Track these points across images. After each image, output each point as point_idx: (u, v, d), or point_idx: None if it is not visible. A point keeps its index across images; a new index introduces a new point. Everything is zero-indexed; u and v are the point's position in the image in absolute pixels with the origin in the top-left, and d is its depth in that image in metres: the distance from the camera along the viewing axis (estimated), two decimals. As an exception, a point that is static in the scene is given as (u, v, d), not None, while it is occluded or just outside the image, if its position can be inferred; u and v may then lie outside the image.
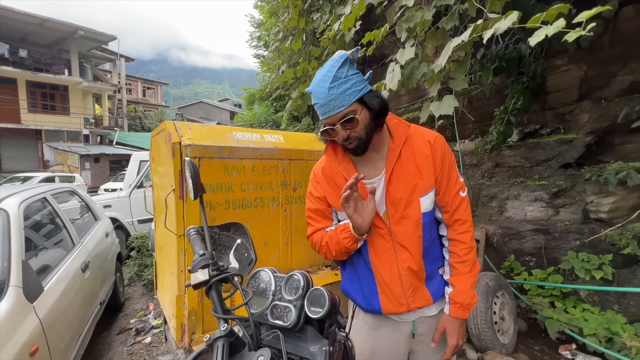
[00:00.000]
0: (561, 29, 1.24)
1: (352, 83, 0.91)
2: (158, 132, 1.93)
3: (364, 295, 1.09)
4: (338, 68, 0.90)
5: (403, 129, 1.04)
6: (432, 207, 1.03)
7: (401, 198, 1.00)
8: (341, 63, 0.90)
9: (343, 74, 0.90)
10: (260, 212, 1.78)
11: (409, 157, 1.02)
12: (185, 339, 1.51)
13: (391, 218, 1.02)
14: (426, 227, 1.03)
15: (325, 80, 0.90)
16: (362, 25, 3.00)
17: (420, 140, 1.03)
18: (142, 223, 5.39)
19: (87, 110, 19.05)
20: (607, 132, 2.84)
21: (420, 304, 1.05)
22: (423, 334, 1.10)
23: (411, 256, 1.02)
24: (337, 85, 0.89)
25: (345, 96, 0.90)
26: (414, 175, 1.01)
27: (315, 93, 0.93)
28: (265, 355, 0.62)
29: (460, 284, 1.03)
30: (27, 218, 2.08)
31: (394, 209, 1.01)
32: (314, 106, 0.97)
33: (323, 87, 0.90)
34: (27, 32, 16.37)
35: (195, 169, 0.83)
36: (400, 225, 1.01)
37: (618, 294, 2.45)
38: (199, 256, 0.80)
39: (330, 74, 0.90)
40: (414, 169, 1.01)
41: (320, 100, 0.92)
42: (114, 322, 3.30)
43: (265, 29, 11.43)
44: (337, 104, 0.90)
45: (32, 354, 1.48)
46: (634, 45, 2.72)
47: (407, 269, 1.02)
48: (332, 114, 0.91)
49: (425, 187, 1.01)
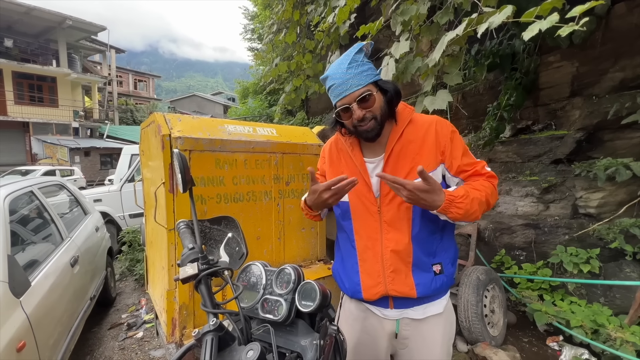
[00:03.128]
0: (555, 24, 1.24)
1: (368, 67, 0.98)
2: (147, 124, 1.89)
3: (347, 275, 1.10)
4: (355, 53, 0.97)
5: (408, 113, 1.06)
6: None
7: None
8: (357, 50, 0.98)
9: (360, 59, 0.97)
10: (252, 206, 1.76)
11: (410, 138, 1.02)
12: (177, 333, 1.50)
13: (383, 198, 1.02)
14: (417, 209, 1.00)
15: (343, 63, 0.96)
16: (357, 19, 2.98)
17: (424, 124, 1.03)
18: (133, 217, 5.32)
19: (77, 103, 18.63)
20: (598, 128, 2.88)
21: (399, 289, 1.01)
22: (407, 338, 1.07)
23: (397, 237, 1.01)
24: (354, 66, 0.95)
25: (363, 76, 0.95)
26: (412, 158, 1.00)
27: (332, 75, 0.98)
28: (255, 350, 0.62)
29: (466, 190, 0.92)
30: (13, 212, 2.03)
31: (387, 188, 1.00)
32: (328, 90, 1.01)
33: (341, 69, 0.96)
34: (12, 21, 15.85)
35: (184, 161, 0.81)
36: (390, 206, 1.01)
37: (604, 287, 2.51)
38: (188, 250, 0.79)
39: (348, 57, 0.97)
40: (414, 151, 1.01)
41: (337, 80, 0.96)
42: (105, 317, 3.26)
43: (259, 22, 11.27)
44: (354, 83, 0.94)
45: (19, 350, 1.45)
46: (626, 42, 2.75)
47: (390, 250, 1.01)
48: (349, 93, 0.94)
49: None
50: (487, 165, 1.04)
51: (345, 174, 1.00)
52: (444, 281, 1.04)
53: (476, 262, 2.97)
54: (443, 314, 1.08)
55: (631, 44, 2.71)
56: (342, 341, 0.78)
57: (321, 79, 1.04)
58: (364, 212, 1.05)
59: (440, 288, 1.04)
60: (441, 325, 1.08)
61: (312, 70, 3.78)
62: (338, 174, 1.07)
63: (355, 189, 1.05)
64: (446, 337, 1.10)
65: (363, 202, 1.06)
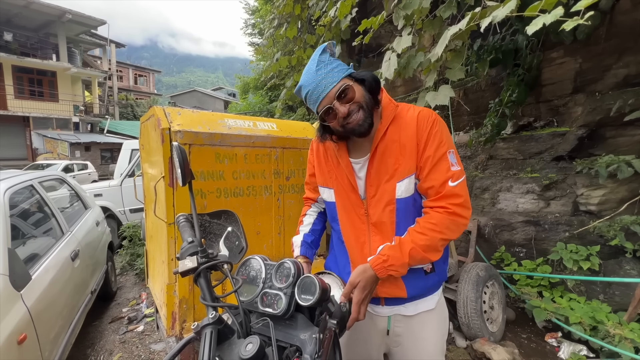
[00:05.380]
0: (559, 18, 1.22)
1: (337, 64, 0.93)
2: (147, 118, 1.88)
3: (340, 274, 1.06)
4: (319, 55, 0.93)
5: (391, 108, 0.98)
6: (410, 194, 0.95)
7: (380, 181, 0.97)
8: (321, 51, 0.94)
9: (326, 59, 0.93)
10: (252, 200, 1.76)
11: (394, 138, 0.95)
12: (176, 327, 1.50)
13: (369, 200, 0.99)
14: (401, 213, 0.96)
15: (311, 68, 0.92)
16: (359, 13, 2.95)
17: (408, 119, 0.96)
18: (134, 212, 5.33)
19: (77, 97, 18.57)
20: (600, 125, 2.86)
21: (389, 291, 0.99)
22: (400, 335, 1.05)
23: (383, 239, 0.97)
24: (322, 66, 0.91)
25: (334, 73, 0.91)
26: (395, 159, 0.95)
27: (304, 84, 0.93)
28: (254, 343, 0.61)
29: (402, 245, 0.89)
30: (14, 206, 2.03)
31: (372, 191, 0.98)
32: (305, 101, 0.96)
33: (310, 73, 0.92)
34: (11, 15, 15.75)
35: (183, 154, 0.81)
36: (375, 209, 0.98)
37: (604, 284, 2.51)
38: (188, 243, 0.78)
39: (314, 61, 0.92)
40: (397, 152, 0.95)
41: (310, 86, 0.91)
42: (106, 311, 3.28)
43: (260, 16, 11.18)
44: (328, 82, 0.90)
45: (20, 343, 1.46)
46: (630, 38, 2.72)
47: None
48: (326, 93, 0.90)
49: (403, 172, 0.94)
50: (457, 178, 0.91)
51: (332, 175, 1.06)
52: (435, 279, 1.03)
53: (476, 259, 2.97)
54: (435, 310, 1.06)
55: (635, 40, 2.68)
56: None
57: (295, 92, 0.99)
58: (352, 214, 1.03)
59: (432, 286, 1.03)
60: (434, 321, 1.06)
61: (313, 65, 3.75)
62: (325, 174, 1.09)
63: (342, 191, 1.04)
64: (439, 333, 1.08)
65: (350, 204, 1.03)
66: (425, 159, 0.92)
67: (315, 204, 1.23)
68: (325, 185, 1.10)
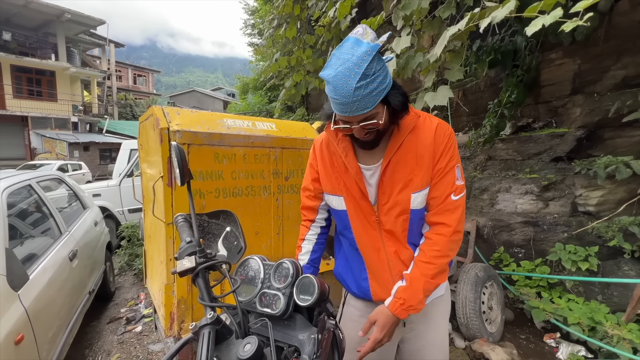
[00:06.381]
0: (558, 19, 1.22)
1: (379, 81, 0.80)
2: (146, 117, 1.87)
3: (355, 280, 1.10)
4: (368, 63, 0.77)
5: (411, 119, 0.95)
6: (423, 205, 0.98)
7: (393, 190, 0.97)
8: (372, 57, 0.78)
9: (372, 71, 0.78)
10: (251, 200, 1.75)
11: (411, 148, 0.95)
12: (175, 327, 1.50)
13: (381, 208, 1.00)
14: (414, 223, 0.99)
15: (351, 77, 0.77)
16: (358, 14, 2.95)
17: (426, 131, 0.95)
18: (132, 212, 5.31)
19: (76, 97, 18.52)
20: (598, 126, 2.87)
21: None
22: (414, 322, 1.10)
23: (397, 244, 1.01)
24: (364, 85, 0.78)
25: (372, 97, 0.80)
26: (411, 169, 0.95)
27: (335, 87, 0.79)
28: (252, 343, 0.61)
29: (414, 283, 0.93)
30: (12, 205, 2.02)
31: (385, 199, 0.99)
32: (329, 96, 0.84)
33: (348, 85, 0.77)
34: (10, 14, 15.70)
35: (182, 153, 0.80)
36: (388, 217, 0.99)
37: (602, 285, 2.51)
38: (186, 243, 0.78)
39: (359, 70, 0.77)
40: (413, 162, 0.95)
41: (341, 98, 0.80)
42: (104, 311, 3.27)
43: (260, 16, 11.18)
44: (362, 106, 0.81)
45: (17, 343, 1.45)
46: (628, 39, 2.73)
47: (394, 253, 1.01)
48: (353, 115, 0.83)
49: (421, 184, 0.95)
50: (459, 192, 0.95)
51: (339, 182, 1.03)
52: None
53: (475, 259, 2.98)
54: (444, 295, 1.14)
55: (634, 42, 2.69)
56: (341, 339, 0.78)
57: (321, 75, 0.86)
58: (364, 221, 1.03)
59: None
60: (442, 304, 1.14)
61: (313, 65, 3.76)
62: (331, 180, 1.05)
63: (352, 198, 1.02)
64: (446, 313, 1.17)
65: (362, 212, 1.03)
66: (437, 171, 0.95)
67: (314, 224, 1.16)
68: (333, 192, 1.06)
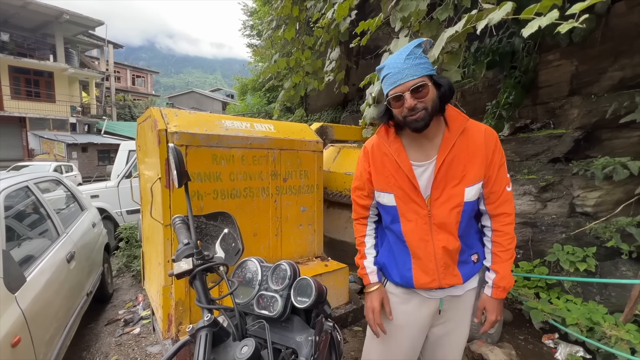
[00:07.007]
0: (554, 21, 1.23)
1: (425, 61, 1.00)
2: (144, 119, 1.87)
3: (398, 270, 1.17)
4: (415, 46, 0.99)
5: (461, 121, 1.08)
6: (475, 198, 1.09)
7: (447, 185, 1.06)
8: (417, 44, 1.00)
9: (418, 52, 1.00)
10: (249, 202, 1.75)
11: (463, 147, 1.06)
12: (172, 329, 1.49)
13: (433, 202, 1.08)
14: (465, 215, 1.08)
15: (402, 54, 0.99)
16: (357, 15, 2.96)
17: (475, 133, 1.08)
18: (130, 214, 5.30)
19: (74, 98, 18.48)
20: (596, 127, 2.88)
21: (450, 282, 1.12)
22: (446, 311, 1.18)
23: (447, 238, 1.08)
24: (412, 57, 0.98)
25: (419, 68, 0.97)
26: (464, 166, 1.06)
27: (388, 64, 1.00)
28: (249, 345, 0.61)
29: (503, 270, 1.11)
30: (9, 207, 2.01)
31: (437, 193, 1.07)
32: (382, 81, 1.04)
33: (399, 59, 0.98)
34: (8, 15, 15.67)
35: (179, 155, 0.80)
36: (441, 210, 1.07)
37: (600, 285, 2.52)
38: (183, 245, 0.78)
39: (407, 49, 0.99)
40: (466, 159, 1.06)
41: (393, 70, 0.99)
42: (102, 313, 3.25)
43: (258, 18, 11.20)
44: (410, 73, 0.96)
45: (14, 345, 1.44)
46: (625, 41, 2.74)
47: (442, 248, 1.09)
48: (404, 82, 0.97)
49: (473, 179, 1.06)
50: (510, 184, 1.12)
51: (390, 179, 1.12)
52: (479, 265, 1.19)
53: (473, 260, 2.97)
54: (475, 287, 1.22)
55: (631, 43, 2.70)
56: (339, 341, 0.78)
57: (377, 69, 1.07)
58: (414, 215, 1.10)
59: (477, 270, 1.19)
60: (473, 295, 1.23)
61: (311, 66, 3.76)
62: (384, 178, 1.14)
63: (404, 194, 1.10)
64: (473, 304, 1.25)
65: (412, 205, 1.10)
66: (493, 168, 1.08)
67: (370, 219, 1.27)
68: (384, 190, 1.15)
